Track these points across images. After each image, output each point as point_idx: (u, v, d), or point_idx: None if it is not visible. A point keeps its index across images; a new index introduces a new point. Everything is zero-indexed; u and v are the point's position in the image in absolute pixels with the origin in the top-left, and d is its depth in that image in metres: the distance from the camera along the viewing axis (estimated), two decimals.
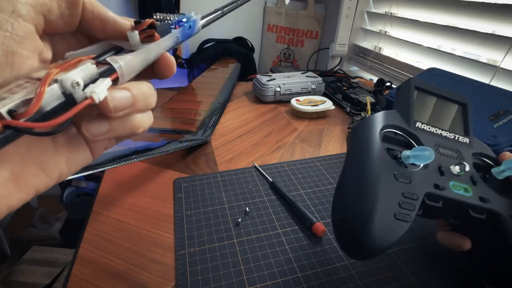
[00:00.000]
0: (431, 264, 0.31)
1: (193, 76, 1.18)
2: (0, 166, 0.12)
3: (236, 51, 1.17)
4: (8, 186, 0.12)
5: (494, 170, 0.26)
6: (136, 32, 0.15)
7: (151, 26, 0.16)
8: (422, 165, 0.25)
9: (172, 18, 0.18)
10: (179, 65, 1.18)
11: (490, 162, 0.28)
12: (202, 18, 0.20)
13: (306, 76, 0.75)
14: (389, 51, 0.89)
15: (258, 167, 0.45)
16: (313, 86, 0.72)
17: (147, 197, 0.39)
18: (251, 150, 0.51)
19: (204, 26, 0.21)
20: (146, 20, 0.16)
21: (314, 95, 0.72)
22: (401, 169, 0.24)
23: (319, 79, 0.74)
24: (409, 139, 0.27)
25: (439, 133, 0.28)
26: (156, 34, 0.16)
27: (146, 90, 0.16)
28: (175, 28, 0.18)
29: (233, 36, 1.27)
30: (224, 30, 1.28)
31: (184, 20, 0.18)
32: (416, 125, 0.28)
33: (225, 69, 0.85)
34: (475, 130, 0.44)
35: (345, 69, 0.98)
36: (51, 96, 0.11)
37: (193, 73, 1.18)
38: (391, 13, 0.84)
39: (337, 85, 0.81)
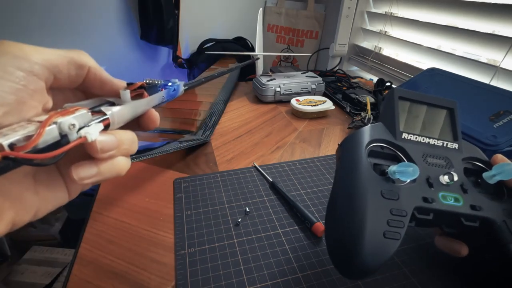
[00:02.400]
0: (431, 264, 0.31)
1: (193, 76, 1.18)
2: None
3: (236, 51, 1.17)
4: None
5: (485, 175, 0.26)
6: (128, 91, 0.18)
7: (141, 87, 0.19)
8: (409, 180, 0.24)
9: (159, 82, 0.21)
10: (179, 65, 1.18)
11: (482, 166, 0.28)
12: (185, 85, 0.24)
13: (306, 76, 0.75)
14: (389, 51, 0.89)
15: (258, 167, 0.46)
16: (313, 86, 0.72)
17: (147, 197, 0.39)
18: (251, 150, 0.51)
19: (186, 89, 0.24)
20: (137, 82, 0.19)
21: (314, 95, 0.72)
22: (388, 186, 0.23)
23: (319, 79, 0.74)
24: (396, 151, 0.27)
25: (426, 142, 0.27)
26: (145, 93, 0.19)
27: (130, 137, 0.18)
28: (161, 90, 0.21)
29: (233, 36, 1.27)
30: (224, 30, 1.28)
31: (170, 84, 0.22)
32: (403, 136, 0.27)
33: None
34: (475, 130, 0.44)
35: (345, 69, 0.98)
36: (49, 134, 0.13)
37: (193, 73, 1.17)
38: (391, 13, 0.84)
39: (337, 85, 0.81)
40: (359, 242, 0.21)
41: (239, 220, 0.36)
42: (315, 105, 0.63)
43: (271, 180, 0.42)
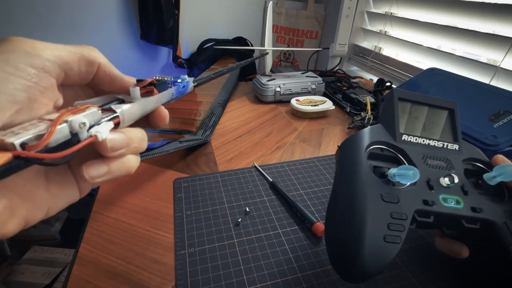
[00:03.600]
0: (431, 264, 0.31)
1: (193, 76, 1.18)
2: (1, 194, 0.13)
3: (236, 51, 1.17)
4: (5, 215, 0.13)
5: (485, 176, 0.26)
6: (138, 88, 0.18)
7: (151, 83, 0.19)
8: (409, 183, 0.24)
9: (169, 79, 0.21)
10: (179, 65, 1.18)
11: (483, 167, 0.28)
12: (195, 81, 0.24)
13: (306, 76, 0.75)
14: (389, 51, 0.89)
15: (258, 167, 0.45)
16: (313, 86, 0.72)
17: (147, 197, 0.39)
18: (251, 150, 0.51)
19: (196, 86, 0.24)
20: (147, 79, 0.19)
21: (314, 95, 0.72)
22: (388, 189, 0.23)
23: (319, 79, 0.74)
24: (396, 154, 0.27)
25: (426, 143, 0.27)
26: (155, 90, 0.19)
27: (139, 135, 0.18)
28: (171, 87, 0.21)
29: (233, 36, 1.27)
30: (224, 30, 1.28)
31: (179, 80, 0.22)
32: (403, 138, 0.27)
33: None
34: (475, 130, 0.44)
35: (345, 69, 0.98)
36: (60, 133, 0.13)
37: (193, 73, 1.18)
38: (391, 13, 0.84)
39: (337, 85, 0.81)
40: (359, 246, 0.21)
41: (239, 220, 0.36)
42: (315, 105, 0.63)
43: (271, 180, 0.42)
